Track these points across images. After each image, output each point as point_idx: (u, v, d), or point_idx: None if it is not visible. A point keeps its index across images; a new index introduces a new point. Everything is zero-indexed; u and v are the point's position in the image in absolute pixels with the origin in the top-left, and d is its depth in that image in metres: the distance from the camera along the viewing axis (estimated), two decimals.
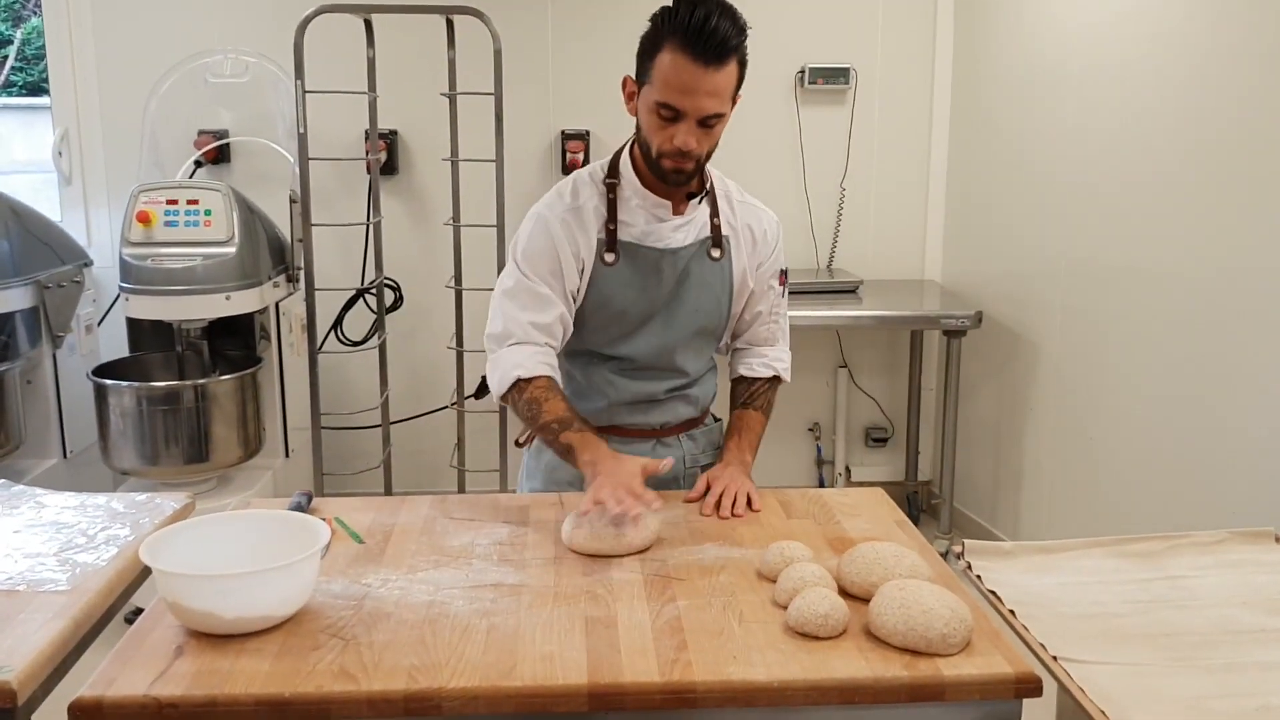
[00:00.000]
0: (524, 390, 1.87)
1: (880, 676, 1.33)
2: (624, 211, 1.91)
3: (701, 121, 1.76)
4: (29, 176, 4.30)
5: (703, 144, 1.79)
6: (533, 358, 1.89)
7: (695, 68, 1.71)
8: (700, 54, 1.70)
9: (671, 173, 1.82)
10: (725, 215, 1.97)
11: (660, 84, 1.74)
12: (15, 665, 1.32)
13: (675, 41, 1.71)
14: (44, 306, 3.32)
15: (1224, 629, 1.48)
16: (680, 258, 1.92)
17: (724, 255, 1.95)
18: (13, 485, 1.97)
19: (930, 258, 4.21)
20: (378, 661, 1.34)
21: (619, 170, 1.92)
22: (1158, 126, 2.94)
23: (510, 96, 3.45)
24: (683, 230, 1.93)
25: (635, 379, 1.97)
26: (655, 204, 1.90)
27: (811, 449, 4.32)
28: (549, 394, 1.87)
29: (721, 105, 1.77)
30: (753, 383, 2.07)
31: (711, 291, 1.96)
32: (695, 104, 1.74)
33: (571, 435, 1.83)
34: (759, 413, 2.05)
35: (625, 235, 1.91)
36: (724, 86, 1.75)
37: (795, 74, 4.02)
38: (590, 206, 1.91)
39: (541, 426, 1.87)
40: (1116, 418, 3.15)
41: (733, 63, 1.75)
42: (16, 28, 5.64)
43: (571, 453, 1.83)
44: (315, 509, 1.83)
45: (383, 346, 3.73)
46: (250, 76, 3.79)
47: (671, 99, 1.74)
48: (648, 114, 1.79)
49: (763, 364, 2.08)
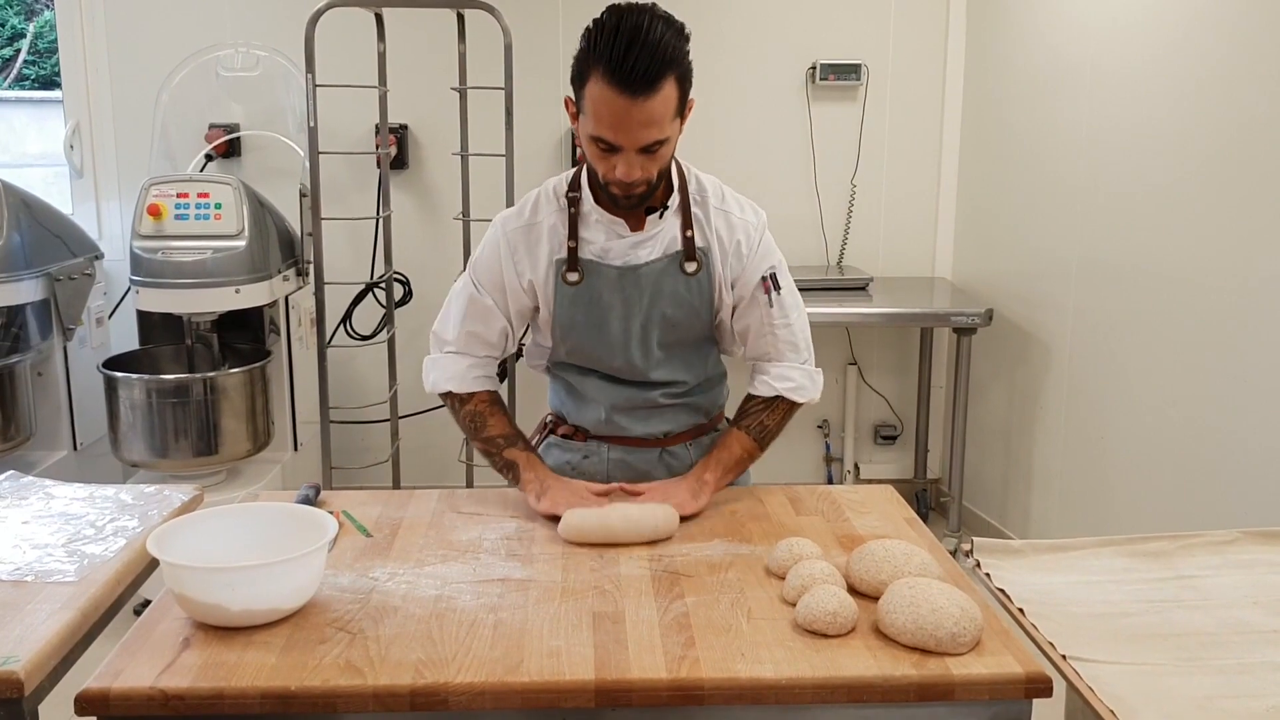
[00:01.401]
0: (465, 402, 1.93)
1: (889, 675, 1.32)
2: (584, 228, 1.84)
3: (642, 149, 1.67)
4: (41, 169, 4.32)
5: (648, 169, 1.70)
6: (469, 373, 1.93)
7: (624, 101, 1.60)
8: (627, 86, 1.59)
9: (622, 199, 1.75)
10: (700, 225, 1.85)
11: (592, 117, 1.65)
12: (22, 656, 1.33)
13: (599, 72, 1.61)
14: (55, 299, 3.33)
15: (1235, 629, 1.47)
16: (644, 275, 1.82)
17: (701, 268, 1.84)
18: (22, 476, 1.97)
19: (941, 255, 4.20)
20: (384, 655, 1.34)
21: (581, 184, 1.86)
22: (1172, 126, 2.92)
23: (520, 91, 3.45)
24: (645, 247, 1.83)
25: (626, 386, 1.92)
26: (612, 221, 1.83)
27: (820, 446, 4.31)
28: (493, 410, 1.92)
29: (660, 132, 1.65)
30: (749, 400, 1.94)
31: (689, 306, 1.85)
32: (630, 137, 1.64)
33: (515, 453, 1.87)
34: (744, 433, 1.91)
35: (586, 253, 1.84)
36: (659, 113, 1.63)
37: (806, 70, 4.00)
38: (547, 225, 1.85)
39: (484, 440, 1.90)
40: (1127, 417, 3.14)
41: (667, 84, 1.62)
42: (29, 21, 5.66)
43: (514, 469, 1.86)
44: (323, 502, 1.83)
45: (391, 341, 3.73)
46: (261, 70, 3.80)
47: (605, 134, 1.65)
48: (587, 143, 1.71)
49: (762, 382, 1.93)
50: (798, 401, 1.93)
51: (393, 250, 3.72)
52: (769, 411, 1.92)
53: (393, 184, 3.84)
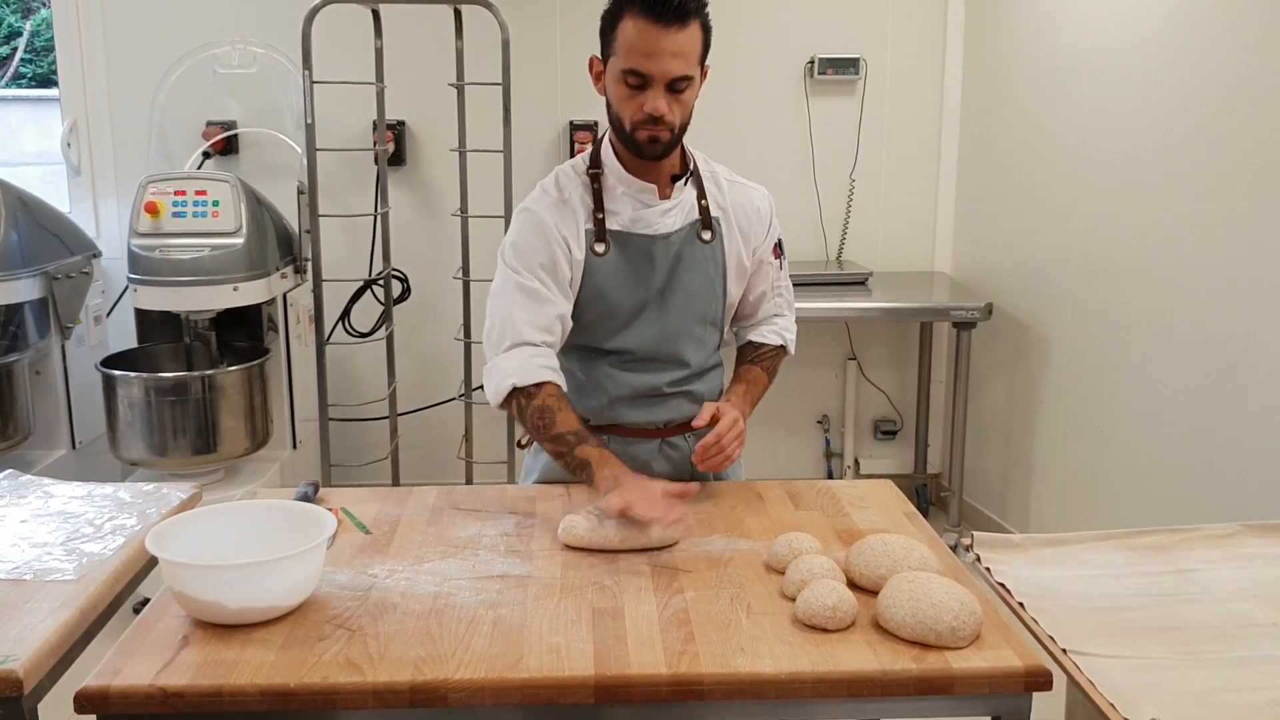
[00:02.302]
0: (532, 397, 1.81)
1: (889, 669, 1.32)
2: (610, 200, 1.90)
3: (670, 86, 1.76)
4: (38, 168, 4.31)
5: (674, 110, 1.78)
6: (530, 362, 1.83)
7: (657, 30, 1.72)
8: (661, 15, 1.71)
9: (647, 143, 1.80)
10: (713, 196, 1.95)
11: (624, 51, 1.75)
12: (21, 654, 1.33)
13: (635, 8, 1.73)
14: (53, 297, 3.32)
15: (1235, 622, 1.47)
16: (671, 243, 1.90)
17: (715, 237, 1.93)
18: (20, 475, 1.97)
19: (940, 250, 4.19)
20: (383, 652, 1.34)
21: (601, 160, 1.91)
22: (1172, 118, 2.92)
23: (518, 87, 3.44)
24: (671, 215, 1.91)
25: (636, 372, 1.93)
26: (640, 189, 1.89)
27: (820, 441, 4.31)
28: (561, 403, 1.82)
29: (688, 67, 1.75)
30: (760, 346, 2.07)
31: (705, 275, 1.93)
32: (661, 67, 1.74)
33: (589, 450, 1.77)
34: (765, 373, 2.05)
35: (613, 224, 1.89)
36: (688, 47, 1.74)
37: (805, 64, 4.00)
38: (576, 198, 1.90)
39: (554, 437, 1.80)
40: (1127, 411, 3.14)
41: (695, 25, 1.74)
42: (26, 19, 5.65)
43: (588, 468, 1.76)
44: (322, 499, 1.83)
45: (390, 338, 3.73)
46: (258, 67, 3.79)
47: (637, 64, 1.74)
48: (616, 86, 1.79)
49: (773, 331, 2.08)
50: (790, 353, 2.13)
51: (391, 247, 3.71)
52: (777, 358, 2.09)
53: (391, 181, 3.84)
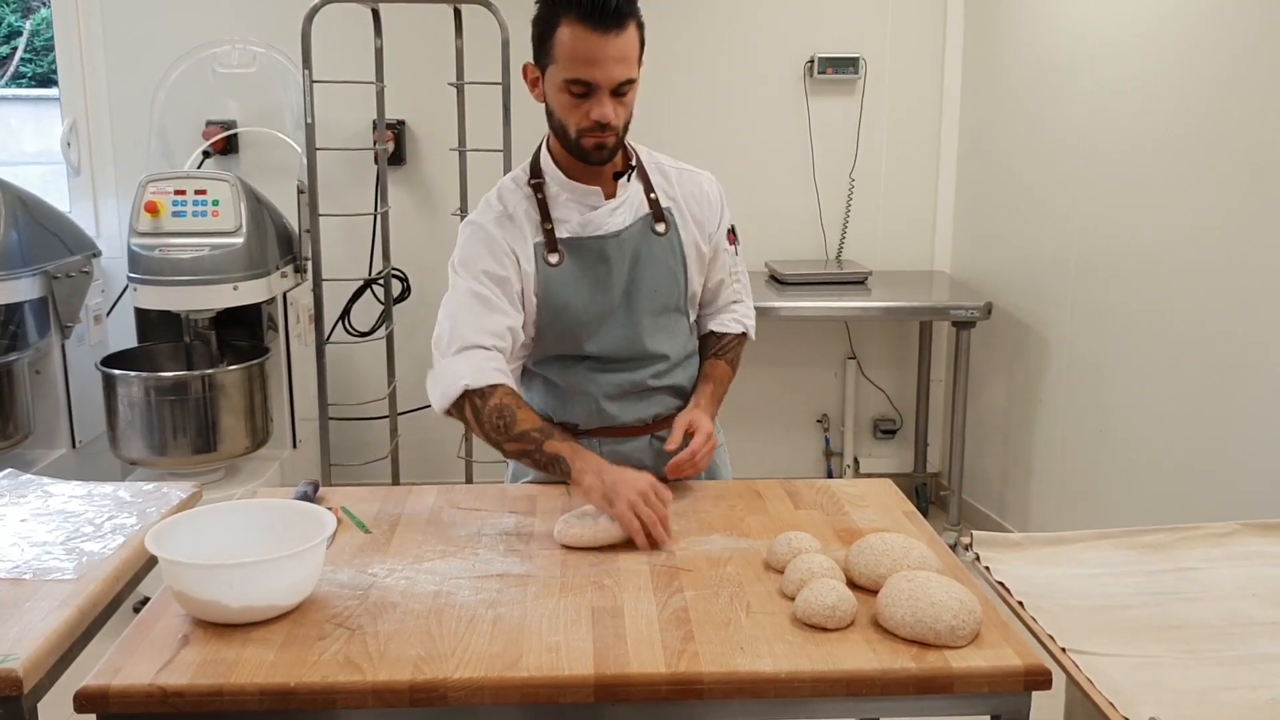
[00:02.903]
0: (487, 398, 1.77)
1: (888, 668, 1.32)
2: (556, 209, 1.88)
3: (614, 91, 1.75)
4: (38, 167, 4.31)
5: (619, 114, 1.77)
6: (483, 365, 1.79)
7: (596, 36, 1.70)
8: (599, 22, 1.69)
9: (594, 150, 1.79)
10: (661, 188, 1.93)
11: (565, 60, 1.73)
12: (21, 653, 1.33)
13: (572, 15, 1.70)
14: (53, 297, 3.32)
15: (1234, 621, 1.47)
16: (624, 240, 1.88)
17: (669, 228, 1.92)
18: (20, 474, 1.97)
19: (940, 249, 4.19)
20: (383, 651, 1.34)
21: (541, 169, 1.90)
22: (1172, 117, 2.92)
23: (518, 86, 3.41)
24: (619, 213, 1.89)
25: (615, 371, 1.93)
26: (585, 193, 1.88)
27: (820, 440, 4.31)
28: (518, 402, 1.80)
29: (630, 70, 1.75)
30: (722, 337, 2.06)
31: (665, 267, 1.91)
32: (605, 73, 1.72)
33: (558, 445, 1.76)
34: (728, 365, 2.05)
35: (563, 232, 1.87)
36: (629, 50, 1.73)
37: (804, 64, 3.99)
38: (520, 211, 1.88)
39: (518, 436, 1.76)
40: (1127, 410, 3.14)
41: (631, 25, 1.73)
42: (25, 19, 5.65)
43: (560, 462, 1.74)
44: (321, 498, 1.83)
45: (390, 337, 3.73)
46: (258, 67, 3.79)
47: (580, 73, 1.72)
48: (558, 94, 1.77)
49: (733, 319, 2.07)
50: (751, 338, 2.12)
51: (391, 246, 3.71)
52: (737, 346, 2.08)
53: (390, 180, 3.84)
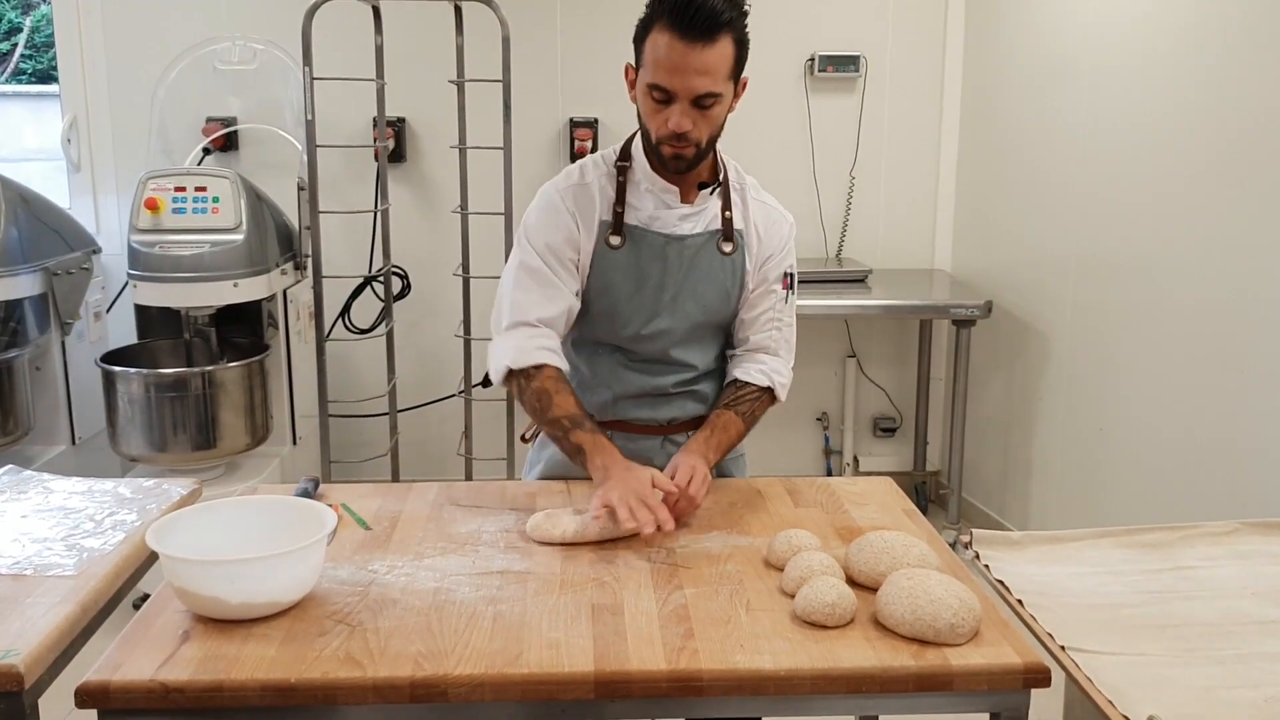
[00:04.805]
0: (531, 379, 1.82)
1: (888, 666, 1.32)
2: (633, 195, 1.88)
3: (695, 102, 1.71)
4: (38, 164, 4.31)
5: (700, 126, 1.74)
6: (526, 344, 1.83)
7: (683, 45, 1.67)
8: (687, 31, 1.66)
9: (671, 159, 1.78)
10: (739, 209, 1.91)
11: (651, 65, 1.72)
12: (22, 649, 1.33)
13: (664, 21, 1.68)
14: (53, 293, 3.32)
15: (1233, 620, 1.47)
16: (687, 246, 1.87)
17: (736, 250, 1.89)
18: (21, 471, 1.97)
19: (940, 247, 4.19)
20: (383, 648, 1.34)
21: (631, 154, 1.89)
22: (1171, 117, 2.92)
23: (518, 84, 3.44)
24: (690, 220, 1.88)
25: (641, 371, 1.93)
26: (664, 189, 1.86)
27: (819, 438, 4.31)
28: (559, 386, 1.82)
29: (714, 84, 1.71)
30: (742, 386, 1.94)
31: (719, 285, 1.89)
32: (685, 83, 1.69)
33: (583, 435, 1.77)
34: (739, 418, 1.91)
35: (632, 219, 1.87)
36: (715, 64, 1.69)
37: (805, 62, 4.00)
38: (596, 187, 1.88)
39: (550, 421, 1.80)
40: (1127, 409, 3.14)
41: (725, 40, 1.69)
42: (26, 15, 5.65)
43: (581, 454, 1.76)
44: (322, 495, 1.83)
45: (390, 334, 3.73)
46: (258, 64, 3.79)
47: (661, 79, 1.71)
48: (643, 98, 1.76)
49: (760, 371, 1.94)
50: (779, 399, 1.97)
51: (391, 244, 3.71)
52: (759, 402, 1.94)
53: (391, 177, 3.84)
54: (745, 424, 1.92)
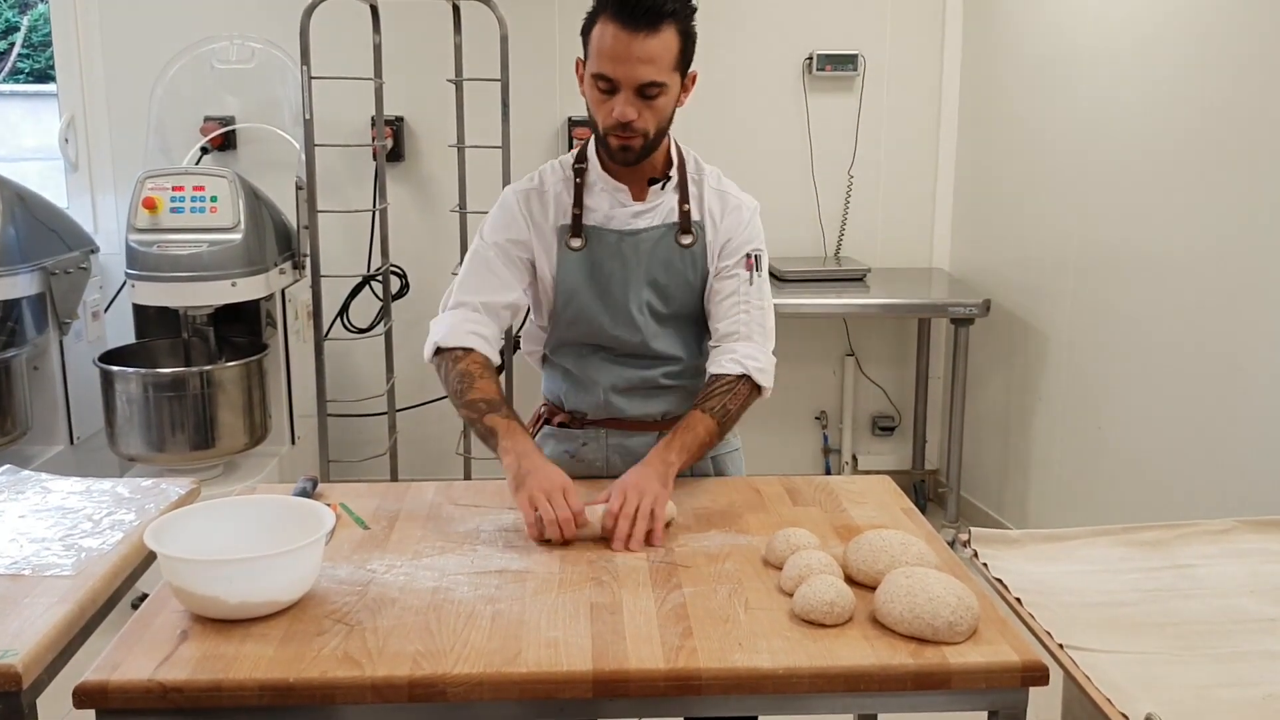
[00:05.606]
0: (457, 360, 1.85)
1: (886, 664, 1.32)
2: (589, 196, 1.90)
3: (640, 92, 1.73)
4: (36, 163, 4.30)
5: (645, 117, 1.75)
6: (460, 326, 1.87)
7: (626, 35, 1.69)
8: (630, 20, 1.69)
9: (618, 150, 1.79)
10: (696, 201, 1.91)
11: (595, 55, 1.74)
12: (20, 649, 1.33)
13: (609, 11, 1.72)
14: (51, 293, 3.32)
15: (1231, 618, 1.48)
16: (642, 241, 1.88)
17: (695, 241, 1.90)
18: (19, 471, 1.97)
19: (938, 246, 4.19)
20: (382, 647, 1.34)
21: (588, 156, 1.92)
22: (1171, 114, 2.92)
23: (517, 83, 3.44)
24: (645, 216, 1.89)
25: (626, 365, 1.94)
26: (615, 188, 1.89)
27: (818, 437, 4.31)
28: (484, 372, 1.85)
29: (658, 74, 1.72)
30: (714, 380, 1.86)
31: (680, 277, 1.90)
32: (628, 72, 1.71)
33: (498, 420, 1.79)
34: (707, 415, 1.82)
35: (589, 220, 1.90)
36: (658, 54, 1.71)
37: (803, 60, 3.99)
38: (553, 193, 1.91)
39: (468, 403, 1.83)
40: (1125, 407, 3.14)
41: (669, 30, 1.71)
42: (23, 14, 5.64)
43: (494, 436, 1.78)
44: (320, 494, 1.83)
45: (389, 333, 3.72)
46: (256, 63, 3.79)
47: (605, 68, 1.72)
48: (590, 89, 1.78)
49: (732, 360, 1.86)
50: (761, 385, 1.88)
51: (389, 243, 3.71)
52: (732, 394, 1.85)
53: (389, 176, 3.83)
54: (716, 419, 1.83)
